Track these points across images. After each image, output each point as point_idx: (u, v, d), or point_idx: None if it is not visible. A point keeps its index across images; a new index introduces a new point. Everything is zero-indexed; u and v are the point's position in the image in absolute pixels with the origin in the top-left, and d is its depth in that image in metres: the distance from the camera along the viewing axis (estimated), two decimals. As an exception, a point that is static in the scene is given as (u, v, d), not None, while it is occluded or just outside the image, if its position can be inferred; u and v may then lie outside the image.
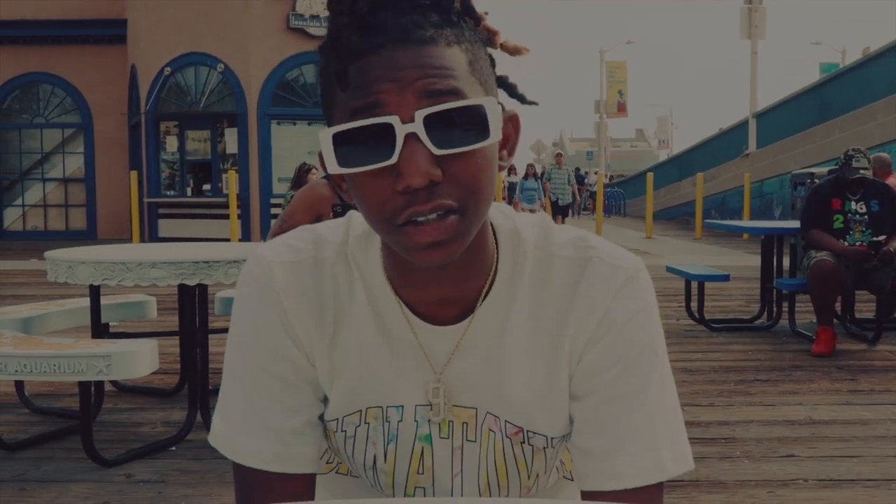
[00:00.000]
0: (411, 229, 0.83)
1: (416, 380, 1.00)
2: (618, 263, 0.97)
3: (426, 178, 0.81)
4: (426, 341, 0.98)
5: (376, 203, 0.84)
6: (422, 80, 0.82)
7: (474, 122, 0.83)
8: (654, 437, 0.95)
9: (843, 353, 5.61)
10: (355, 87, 0.83)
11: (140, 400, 4.47)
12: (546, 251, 0.99)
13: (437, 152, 0.82)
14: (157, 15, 16.32)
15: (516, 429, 1.01)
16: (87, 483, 3.24)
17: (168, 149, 16.97)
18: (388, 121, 0.81)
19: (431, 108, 0.81)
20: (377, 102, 0.82)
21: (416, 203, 0.82)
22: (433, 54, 0.83)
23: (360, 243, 1.00)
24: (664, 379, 0.98)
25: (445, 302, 0.97)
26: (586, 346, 0.97)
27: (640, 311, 0.97)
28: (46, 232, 18.70)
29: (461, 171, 0.83)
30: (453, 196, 0.83)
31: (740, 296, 8.30)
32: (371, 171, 0.83)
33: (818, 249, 5.60)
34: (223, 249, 4.20)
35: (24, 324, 4.01)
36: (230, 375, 1.01)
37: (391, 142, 0.81)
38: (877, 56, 15.30)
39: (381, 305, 0.99)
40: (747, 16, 19.54)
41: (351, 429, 1.02)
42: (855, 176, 5.67)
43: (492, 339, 0.98)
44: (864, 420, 4.08)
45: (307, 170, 8.04)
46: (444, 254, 0.85)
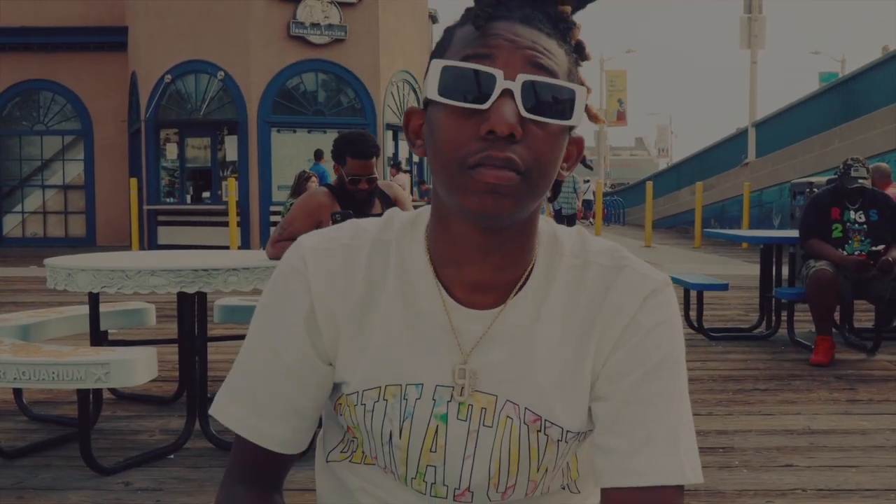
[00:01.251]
0: (480, 170, 0.90)
1: (441, 360, 1.04)
2: (648, 274, 1.05)
3: (510, 128, 0.89)
4: (458, 323, 1.03)
5: (455, 142, 0.92)
6: (531, 50, 0.92)
7: (562, 103, 0.93)
8: (675, 442, 0.99)
9: (841, 362, 5.61)
10: (472, 39, 0.94)
11: (138, 408, 4.47)
12: (583, 258, 1.06)
13: (524, 114, 0.90)
14: (157, 22, 16.35)
15: (535, 416, 1.04)
16: (85, 491, 3.24)
17: (168, 156, 16.97)
18: (493, 72, 0.90)
19: (532, 76, 0.91)
20: (489, 54, 0.92)
21: (493, 149, 0.90)
22: (546, 41, 0.94)
23: (406, 228, 1.07)
24: (682, 391, 1.03)
25: (482, 286, 1.02)
26: (613, 348, 1.02)
27: (664, 322, 1.03)
28: (46, 239, 18.70)
29: (536, 139, 0.92)
30: (523, 157, 0.91)
31: (739, 305, 8.30)
32: (460, 111, 0.91)
33: (817, 259, 5.60)
34: (222, 257, 4.20)
35: (22, 331, 4.01)
36: (246, 347, 1.10)
37: (489, 91, 0.90)
38: (876, 65, 15.32)
39: (417, 285, 1.04)
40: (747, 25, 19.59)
41: (370, 403, 1.06)
42: (854, 185, 5.68)
43: (521, 330, 1.03)
44: (863, 430, 4.07)
45: (307, 178, 8.06)
46: (497, 205, 0.91)
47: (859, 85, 15.95)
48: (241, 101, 16.15)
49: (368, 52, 16.51)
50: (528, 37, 0.93)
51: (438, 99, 0.92)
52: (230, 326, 5.48)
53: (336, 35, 16.20)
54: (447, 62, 0.93)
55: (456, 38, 0.96)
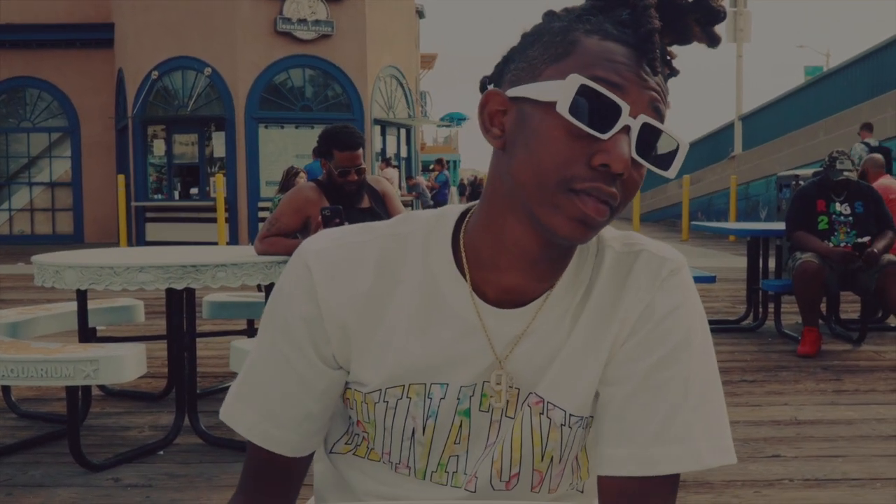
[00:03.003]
0: (584, 197, 0.89)
1: (471, 361, 1.02)
2: (665, 255, 1.03)
3: (626, 168, 0.88)
4: (491, 324, 1.01)
5: (563, 161, 0.89)
6: (655, 92, 0.91)
7: (667, 153, 0.93)
8: (693, 427, 0.97)
9: (828, 353, 5.65)
10: (606, 58, 0.90)
11: (128, 404, 4.46)
12: (600, 245, 1.05)
13: (633, 155, 0.90)
14: (144, 19, 16.28)
15: (538, 398, 1.04)
16: (75, 488, 3.24)
17: (155, 152, 16.92)
18: (623, 105, 0.88)
19: (653, 121, 0.90)
20: (621, 86, 0.89)
21: (604, 182, 0.89)
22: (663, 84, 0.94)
23: (431, 224, 1.04)
24: (707, 373, 1.01)
25: (517, 290, 1.00)
26: (630, 333, 1.01)
27: (680, 305, 1.01)
28: (33, 236, 18.62)
29: (633, 180, 0.91)
30: (619, 197, 0.91)
31: (726, 297, 8.34)
32: (576, 130, 0.88)
33: (803, 251, 5.64)
34: (211, 253, 4.19)
35: (11, 328, 4.00)
36: (256, 350, 1.08)
37: (612, 122, 0.88)
38: (861, 59, 15.39)
39: (444, 285, 1.01)
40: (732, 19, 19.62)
41: (393, 401, 1.05)
42: (839, 178, 5.71)
43: (551, 327, 1.02)
44: (849, 420, 4.10)
45: (295, 173, 8.03)
46: (586, 235, 0.91)
47: (844, 79, 16.01)
48: (229, 97, 16.11)
49: (355, 47, 16.49)
50: (655, 79, 0.92)
51: (567, 116, 0.88)
52: (219, 322, 5.48)
53: (323, 31, 16.16)
54: (587, 81, 0.88)
55: (585, 47, 0.91)
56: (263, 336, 1.06)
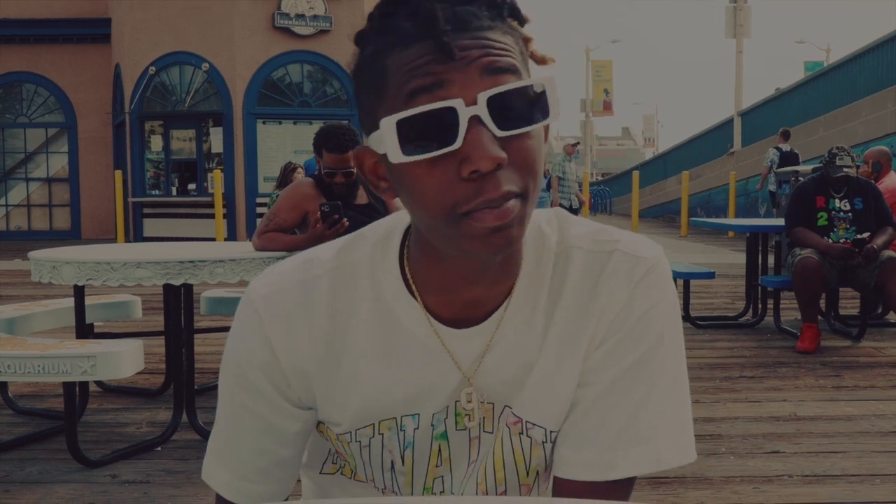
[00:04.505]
0: (477, 215, 0.80)
1: (439, 387, 0.98)
2: (639, 254, 0.96)
3: (494, 161, 0.78)
4: (452, 345, 0.96)
5: (437, 192, 0.81)
6: (484, 57, 0.79)
7: (536, 103, 0.81)
8: (657, 428, 0.94)
9: (827, 349, 5.64)
10: (411, 68, 0.80)
11: (125, 400, 4.45)
12: (564, 244, 0.98)
13: (500, 134, 0.79)
14: (141, 14, 16.24)
15: (515, 419, 1.00)
16: (72, 484, 3.23)
17: (153, 148, 16.89)
18: (451, 104, 0.78)
19: (495, 88, 0.79)
20: (439, 83, 0.79)
21: (487, 190, 0.79)
22: (492, 36, 0.81)
23: (377, 250, 0.98)
24: (675, 371, 0.97)
25: (474, 303, 0.94)
26: (603, 338, 0.96)
27: (656, 304, 0.95)
28: (30, 232, 18.59)
29: (521, 153, 0.81)
30: (516, 181, 0.81)
31: (726, 293, 8.34)
32: (431, 159, 0.80)
33: (803, 247, 5.63)
34: (208, 249, 4.18)
35: (7, 324, 3.99)
36: (219, 403, 1.04)
37: (454, 126, 0.78)
38: (861, 54, 15.38)
39: (399, 314, 0.96)
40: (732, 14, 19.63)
41: (365, 440, 1.02)
42: (839, 174, 5.70)
43: (514, 338, 0.96)
44: (849, 416, 4.10)
45: (293, 169, 8.03)
46: (508, 239, 0.82)
47: (844, 74, 16.00)
48: (227, 92, 16.08)
49: (354, 42, 16.45)
50: (473, 42, 0.80)
51: (405, 160, 0.80)
52: (217, 318, 5.46)
53: (321, 26, 16.13)
54: (399, 116, 0.80)
55: (392, 70, 0.82)
56: (224, 390, 1.02)
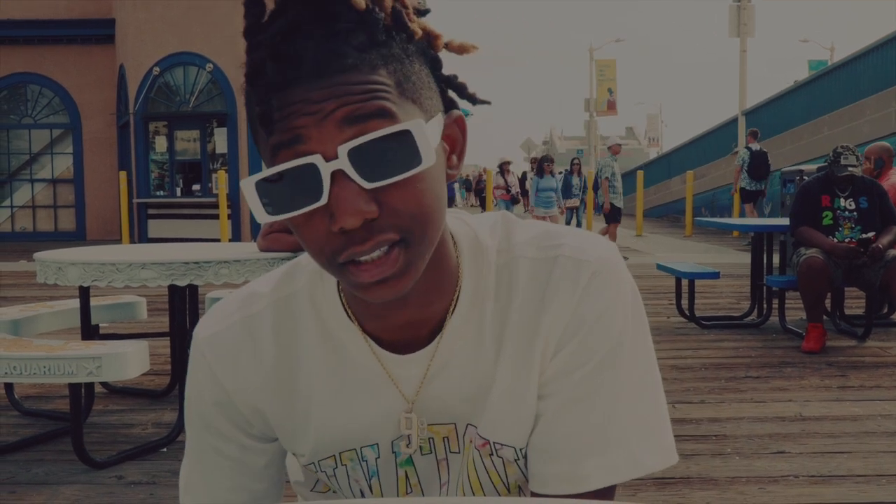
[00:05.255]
0: (353, 269, 0.79)
1: (389, 414, 0.96)
2: (583, 258, 0.92)
3: (360, 217, 0.75)
4: (395, 372, 0.94)
5: (315, 244, 0.80)
6: (341, 108, 0.75)
7: (404, 148, 0.76)
8: (629, 433, 0.92)
9: (832, 349, 5.63)
10: (275, 121, 0.76)
11: (130, 401, 4.46)
12: (507, 254, 0.94)
13: (368, 186, 0.76)
14: (145, 14, 16.26)
15: (483, 441, 0.97)
16: (78, 485, 3.23)
17: (157, 149, 16.91)
18: (310, 161, 0.75)
19: (353, 141, 0.75)
20: (297, 137, 0.76)
21: (354, 243, 0.77)
22: (353, 80, 0.75)
23: (315, 280, 0.96)
24: (641, 373, 0.94)
25: (412, 325, 0.92)
26: (556, 348, 0.93)
27: (607, 308, 0.91)
28: (35, 233, 18.62)
29: (398, 201, 0.77)
30: (393, 229, 0.78)
31: (731, 293, 8.33)
32: (304, 214, 0.78)
33: (808, 246, 5.62)
34: (213, 250, 4.18)
35: (13, 326, 3.99)
36: (187, 442, 1.05)
37: (318, 182, 0.75)
38: (865, 53, 15.35)
39: (343, 344, 0.95)
40: (736, 13, 19.59)
41: (330, 470, 1.02)
42: (844, 173, 5.69)
43: (464, 355, 0.94)
44: (855, 416, 4.09)
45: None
46: (394, 290, 0.80)
47: (848, 73, 15.97)
48: (231, 93, 16.08)
49: (358, 42, 16.46)
50: (330, 92, 0.75)
51: (267, 220, 0.79)
52: (222, 319, 5.46)
53: (325, 26, 16.13)
54: (255, 178, 0.77)
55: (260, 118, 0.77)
56: (189, 431, 1.03)
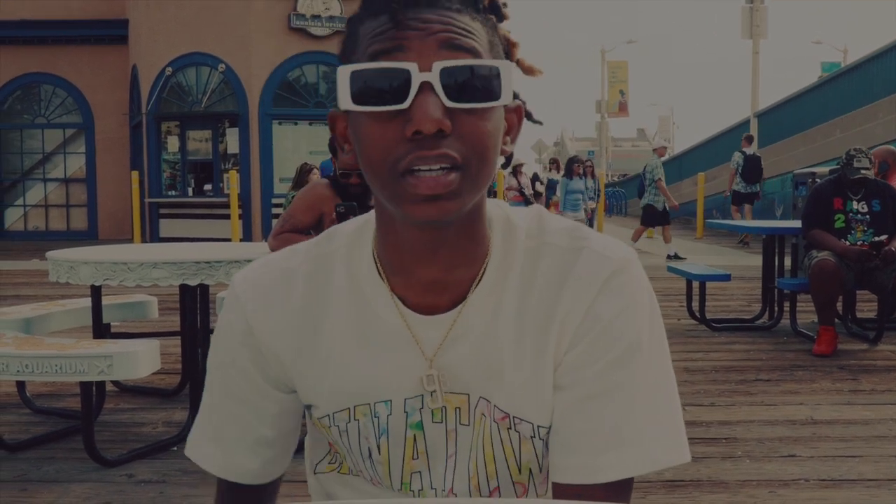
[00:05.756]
0: (412, 179, 0.84)
1: (406, 372, 0.99)
2: (608, 254, 0.97)
3: (436, 125, 0.83)
4: (418, 331, 0.98)
5: (382, 148, 0.85)
6: (444, 33, 0.85)
7: (488, 83, 0.86)
8: (644, 430, 0.95)
9: (844, 352, 5.61)
10: (379, 33, 0.86)
11: (141, 400, 4.47)
12: (538, 240, 0.99)
13: (449, 104, 0.84)
14: (158, 15, 16.32)
15: (503, 414, 1.00)
16: (89, 483, 3.24)
17: (169, 149, 16.97)
18: (405, 66, 0.84)
19: (448, 61, 0.84)
20: (399, 47, 0.85)
21: (422, 149, 0.84)
22: (458, 17, 0.87)
23: (353, 239, 1.02)
24: (656, 374, 0.97)
25: (436, 287, 0.96)
26: (573, 338, 0.96)
27: (626, 308, 0.95)
28: (48, 232, 18.71)
29: (469, 127, 0.85)
30: (459, 150, 0.85)
31: (742, 295, 8.30)
32: (381, 115, 0.85)
33: (819, 249, 5.60)
34: (224, 249, 4.20)
35: (25, 324, 4.01)
36: (206, 383, 1.09)
37: (406, 88, 0.84)
38: (878, 55, 15.28)
39: (369, 297, 0.99)
40: (749, 15, 19.54)
41: (342, 424, 1.04)
42: (856, 176, 5.67)
43: (483, 327, 0.98)
44: (866, 420, 4.07)
45: (308, 170, 8.04)
46: (441, 210, 0.86)
47: (861, 75, 15.90)
48: (243, 93, 16.13)
49: (369, 43, 16.47)
50: (438, 18, 0.86)
51: (354, 108, 0.86)
52: (232, 319, 5.48)
53: (337, 27, 16.15)
54: (354, 66, 0.86)
55: (361, 35, 0.89)
56: (209, 369, 1.08)
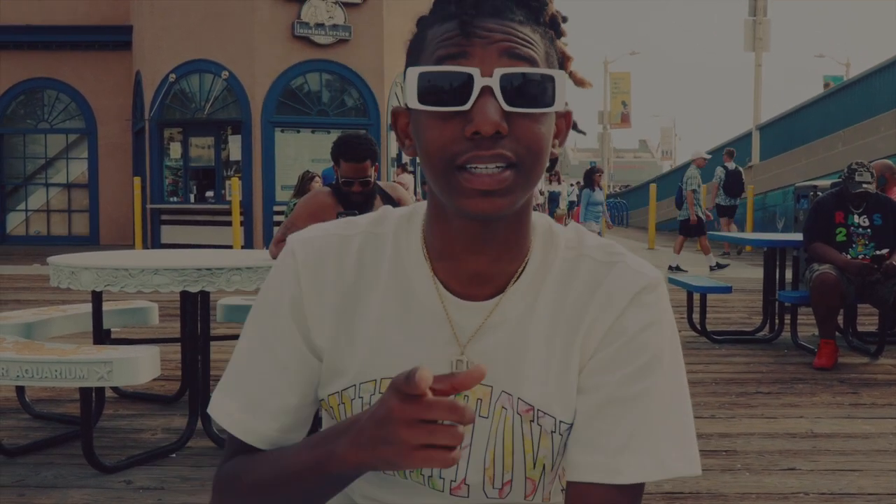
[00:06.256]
0: (468, 175, 0.92)
1: (437, 352, 1.05)
2: (640, 270, 1.05)
3: (495, 127, 0.90)
4: (455, 315, 1.04)
5: (441, 144, 0.93)
6: (505, 42, 0.93)
7: (543, 90, 0.94)
8: (660, 439, 1.00)
9: (845, 366, 5.60)
10: (446, 38, 0.94)
11: (141, 406, 4.47)
12: (576, 251, 1.07)
13: (507, 108, 0.91)
14: (162, 22, 16.35)
15: (528, 406, 1.05)
16: (87, 489, 3.24)
17: (172, 155, 16.97)
18: (469, 70, 0.92)
19: (508, 68, 0.92)
20: (463, 53, 0.93)
21: (479, 149, 0.91)
22: (519, 29, 0.95)
23: (402, 223, 1.09)
24: (674, 388, 1.04)
25: (478, 278, 1.04)
26: (599, 345, 1.03)
27: (653, 323, 1.03)
28: (49, 237, 18.70)
29: (524, 130, 0.93)
30: (513, 150, 0.92)
31: (743, 308, 8.29)
32: (443, 114, 0.93)
33: (821, 262, 5.59)
34: (226, 256, 4.20)
35: (25, 329, 4.01)
36: (239, 343, 1.11)
37: (468, 91, 0.91)
38: (880, 69, 15.30)
39: (412, 279, 1.06)
40: (752, 28, 19.58)
41: (367, 396, 1.07)
42: (858, 189, 5.67)
43: (516, 321, 1.04)
44: (866, 434, 4.07)
45: (310, 178, 8.05)
46: (494, 206, 0.93)
47: (863, 89, 15.92)
48: (246, 100, 16.14)
49: (373, 52, 16.50)
50: (500, 28, 0.94)
51: (420, 107, 0.94)
52: (233, 326, 5.47)
53: (340, 35, 16.19)
54: (423, 68, 0.94)
55: (429, 39, 0.97)
56: (249, 327, 1.11)
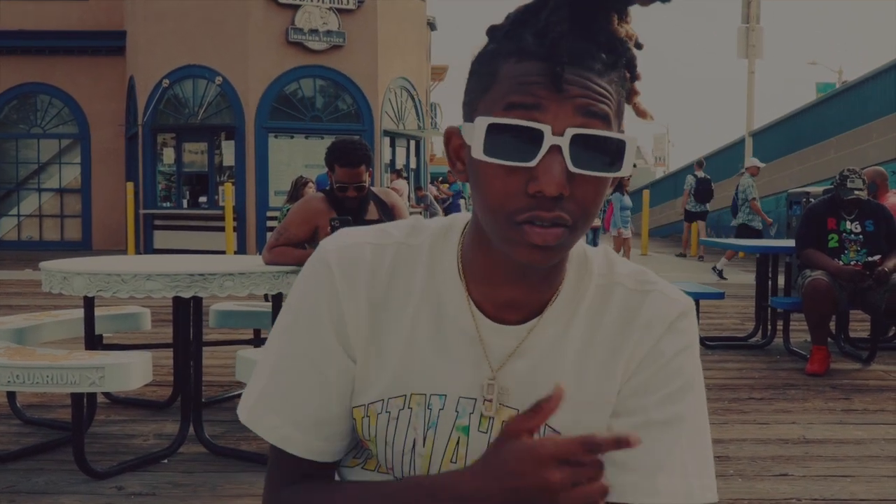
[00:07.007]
0: (528, 228, 0.89)
1: (467, 373, 1.04)
2: (675, 297, 1.07)
3: (558, 189, 0.87)
4: (487, 338, 1.04)
5: (502, 196, 0.90)
6: (582, 98, 0.88)
7: (611, 154, 0.90)
8: (688, 464, 1.03)
9: (837, 372, 5.61)
10: (518, 82, 0.89)
11: (133, 412, 4.45)
12: (608, 278, 1.08)
13: (572, 169, 0.88)
14: (156, 27, 16.34)
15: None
16: (78, 495, 3.22)
17: (165, 160, 16.95)
18: (541, 128, 0.87)
19: (583, 129, 0.88)
20: (537, 105, 0.88)
21: (541, 209, 0.89)
22: (596, 81, 0.89)
23: (438, 238, 1.07)
24: (701, 413, 1.06)
25: (513, 304, 1.03)
26: (637, 369, 1.05)
27: (687, 348, 1.05)
28: (41, 242, 18.65)
29: (585, 192, 0.90)
30: (571, 213, 0.90)
31: (735, 314, 8.30)
32: (507, 167, 0.89)
33: (813, 268, 5.61)
34: (219, 262, 4.19)
35: (17, 334, 4.00)
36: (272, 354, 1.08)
37: (537, 147, 0.88)
38: (873, 77, 15.35)
39: (446, 298, 1.04)
40: (745, 35, 19.63)
41: (395, 411, 1.06)
42: (850, 196, 5.69)
43: (549, 347, 1.04)
44: (858, 439, 4.07)
45: (304, 183, 8.04)
46: (546, 258, 0.92)
47: (856, 96, 15.97)
48: (239, 106, 16.14)
49: (367, 58, 16.52)
50: (579, 81, 0.88)
51: (484, 158, 0.90)
52: (226, 331, 5.47)
53: (334, 41, 16.20)
54: (492, 119, 0.89)
55: (502, 76, 0.91)
56: (282, 338, 1.07)
